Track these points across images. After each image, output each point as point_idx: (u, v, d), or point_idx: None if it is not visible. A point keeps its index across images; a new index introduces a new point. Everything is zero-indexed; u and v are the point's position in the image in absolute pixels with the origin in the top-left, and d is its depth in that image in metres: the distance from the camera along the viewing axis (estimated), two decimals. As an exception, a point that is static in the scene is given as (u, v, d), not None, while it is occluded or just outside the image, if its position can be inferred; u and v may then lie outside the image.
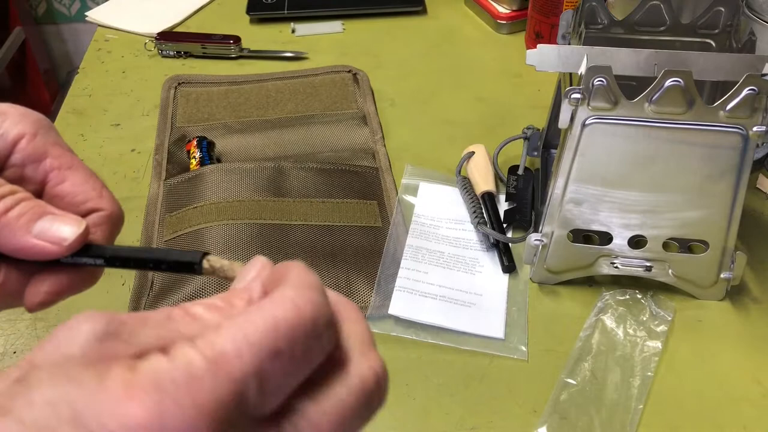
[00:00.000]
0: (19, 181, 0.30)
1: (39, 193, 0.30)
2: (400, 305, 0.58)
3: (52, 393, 0.19)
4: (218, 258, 0.28)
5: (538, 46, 0.55)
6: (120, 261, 0.29)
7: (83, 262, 0.29)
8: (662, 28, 0.63)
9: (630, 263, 0.58)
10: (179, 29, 0.98)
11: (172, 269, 0.29)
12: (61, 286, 0.29)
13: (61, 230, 0.28)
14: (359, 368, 0.23)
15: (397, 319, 0.58)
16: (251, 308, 0.21)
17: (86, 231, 0.28)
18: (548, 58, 0.55)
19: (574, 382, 0.53)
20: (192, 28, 0.98)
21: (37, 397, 0.19)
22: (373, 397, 0.23)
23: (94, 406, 0.18)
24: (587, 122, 0.51)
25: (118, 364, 0.19)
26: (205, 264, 0.28)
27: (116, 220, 0.32)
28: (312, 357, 0.21)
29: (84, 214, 0.30)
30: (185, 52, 0.92)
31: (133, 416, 0.18)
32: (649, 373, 0.54)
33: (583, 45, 0.61)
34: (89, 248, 0.29)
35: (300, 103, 0.81)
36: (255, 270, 0.25)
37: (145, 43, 0.93)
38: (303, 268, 0.24)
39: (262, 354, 0.20)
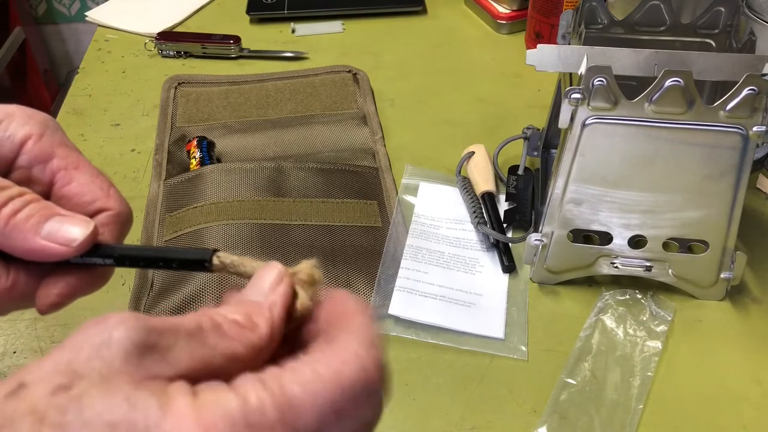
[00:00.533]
0: (27, 182, 0.30)
1: (47, 194, 0.30)
2: (400, 305, 0.58)
3: (110, 414, 0.19)
4: (227, 254, 0.28)
5: (538, 46, 0.55)
6: (129, 260, 0.29)
7: (93, 262, 0.29)
8: (662, 28, 0.63)
9: (630, 263, 0.58)
10: (179, 29, 0.98)
11: (182, 267, 0.29)
12: (72, 287, 0.29)
13: (70, 231, 0.28)
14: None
15: (397, 319, 0.58)
16: (319, 356, 0.22)
17: (95, 231, 0.28)
18: (548, 58, 0.55)
19: (574, 382, 0.53)
20: (192, 28, 0.98)
21: (93, 417, 0.19)
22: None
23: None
24: (587, 122, 0.51)
25: (176, 390, 0.19)
26: (216, 261, 0.28)
27: (124, 219, 0.32)
28: (365, 412, 0.22)
29: (92, 214, 0.30)
30: (185, 52, 0.92)
31: None
32: (649, 373, 0.54)
33: (583, 45, 0.61)
34: (98, 248, 0.29)
35: (300, 103, 0.81)
36: (270, 281, 0.25)
37: (145, 43, 0.93)
38: (366, 314, 0.24)
39: (326, 409, 0.21)
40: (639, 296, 0.59)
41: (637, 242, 0.57)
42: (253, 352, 0.23)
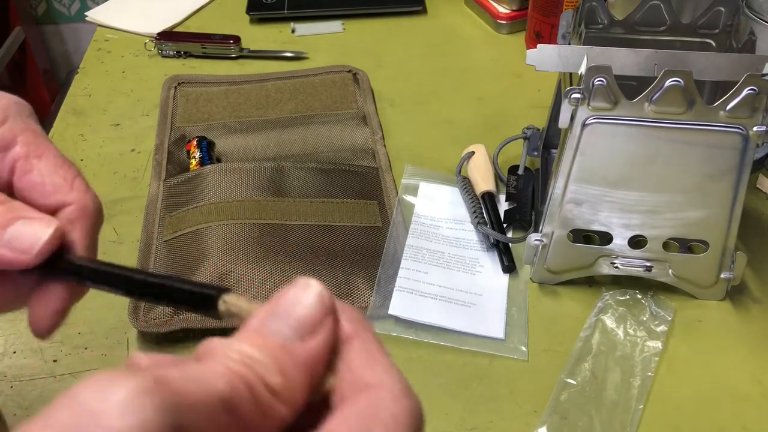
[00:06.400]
0: None
1: (9, 184, 0.28)
2: (400, 305, 0.58)
3: None
4: (237, 297, 0.22)
5: (538, 46, 0.55)
6: (100, 278, 0.25)
7: (58, 276, 0.26)
8: (662, 28, 0.63)
9: (630, 263, 0.58)
10: (179, 29, 0.98)
11: (180, 303, 0.24)
12: (63, 304, 0.27)
13: (30, 236, 0.25)
14: None
15: (397, 319, 0.58)
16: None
17: (56, 234, 0.26)
18: (548, 58, 0.55)
19: (574, 382, 0.53)
20: (192, 28, 0.98)
21: None
22: None
23: None
24: (587, 122, 0.51)
25: None
26: (222, 307, 0.22)
27: (90, 214, 0.28)
28: None
29: (54, 209, 0.28)
30: (185, 52, 0.92)
31: None
32: (649, 373, 0.54)
33: (583, 45, 0.61)
34: (62, 257, 0.26)
35: (300, 103, 0.81)
36: (309, 309, 0.19)
37: (145, 43, 0.93)
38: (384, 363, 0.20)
39: None
40: (639, 296, 0.59)
41: (637, 242, 0.57)
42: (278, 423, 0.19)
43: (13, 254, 0.25)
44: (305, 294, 0.20)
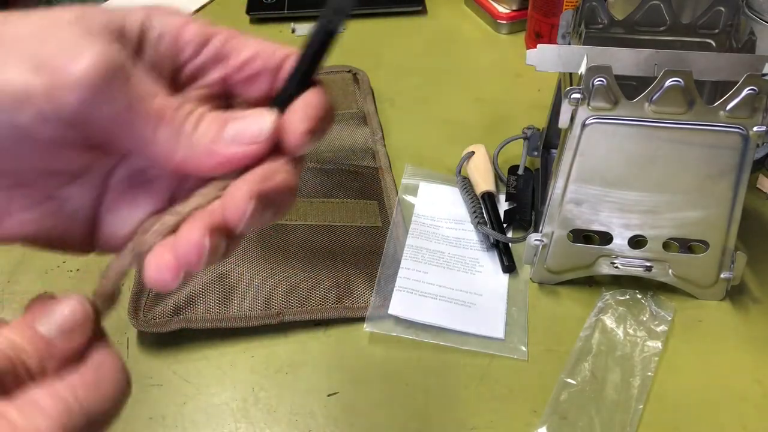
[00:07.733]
0: (201, 71, 0.29)
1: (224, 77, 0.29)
2: (400, 305, 0.58)
3: None
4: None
5: (538, 46, 0.55)
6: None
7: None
8: (662, 28, 0.63)
9: (630, 263, 0.58)
10: (179, 29, 0.98)
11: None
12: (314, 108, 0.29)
13: (253, 126, 0.27)
14: None
15: (397, 319, 0.58)
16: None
17: (278, 119, 0.28)
18: (548, 58, 0.55)
19: (574, 382, 0.53)
20: (192, 28, 0.98)
21: None
22: None
23: None
24: (587, 122, 0.51)
25: None
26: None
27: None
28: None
29: (279, 64, 0.29)
30: (185, 52, 0.92)
31: None
32: (649, 373, 0.54)
33: (583, 45, 0.61)
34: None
35: (300, 103, 0.81)
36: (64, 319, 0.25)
37: (145, 43, 0.93)
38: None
39: None
40: (639, 296, 0.59)
41: (637, 242, 0.57)
42: None
43: (241, 147, 0.26)
44: (67, 304, 0.25)
